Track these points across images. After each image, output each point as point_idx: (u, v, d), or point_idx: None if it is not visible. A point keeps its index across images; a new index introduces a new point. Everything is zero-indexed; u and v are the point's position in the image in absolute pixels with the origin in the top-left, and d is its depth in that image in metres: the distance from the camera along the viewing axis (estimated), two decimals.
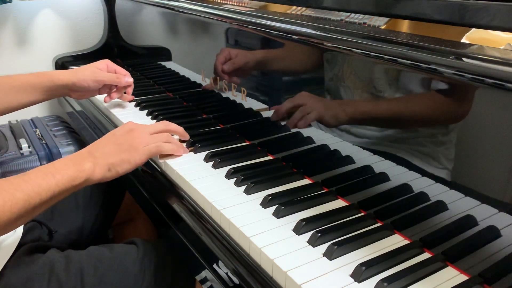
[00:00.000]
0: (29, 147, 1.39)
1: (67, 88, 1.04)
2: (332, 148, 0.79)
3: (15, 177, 0.67)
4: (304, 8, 0.86)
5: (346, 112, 0.75)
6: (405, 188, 0.67)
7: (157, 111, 1.12)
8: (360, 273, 0.55)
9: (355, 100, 0.73)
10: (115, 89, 1.14)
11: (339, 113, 0.76)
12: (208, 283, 0.70)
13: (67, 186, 0.70)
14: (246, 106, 0.96)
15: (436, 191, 0.63)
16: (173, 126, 0.90)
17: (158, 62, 1.37)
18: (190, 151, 0.90)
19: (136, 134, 0.82)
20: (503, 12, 0.55)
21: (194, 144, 0.91)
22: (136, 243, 0.87)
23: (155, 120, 1.08)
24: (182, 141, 0.93)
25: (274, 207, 0.69)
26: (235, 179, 0.78)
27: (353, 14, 0.75)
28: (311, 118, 0.81)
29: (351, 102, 0.74)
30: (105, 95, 1.15)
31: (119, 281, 0.81)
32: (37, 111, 1.74)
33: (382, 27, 0.70)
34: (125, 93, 1.17)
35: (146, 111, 1.13)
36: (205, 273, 0.70)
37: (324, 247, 0.60)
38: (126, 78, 1.12)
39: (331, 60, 0.75)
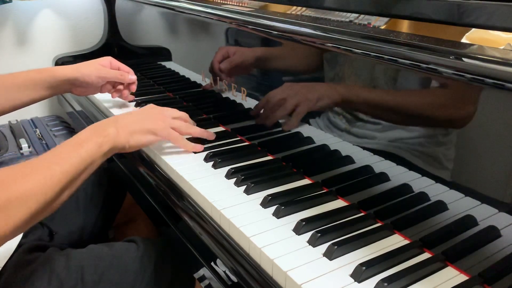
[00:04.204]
0: (29, 147, 1.40)
1: (70, 83, 1.03)
2: (332, 148, 0.79)
3: (45, 153, 0.69)
4: (304, 8, 0.86)
5: (338, 92, 0.75)
6: (405, 188, 0.67)
7: None
8: (360, 273, 0.55)
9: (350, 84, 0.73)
10: (121, 86, 1.13)
11: (331, 94, 0.76)
12: (206, 281, 0.71)
13: (96, 153, 0.72)
14: (246, 106, 0.96)
15: (436, 191, 0.63)
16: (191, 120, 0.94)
17: (158, 62, 1.37)
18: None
19: (158, 110, 0.88)
20: (503, 12, 0.55)
21: None
22: (135, 241, 0.87)
23: None
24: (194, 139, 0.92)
25: (274, 207, 0.69)
26: (235, 179, 0.78)
27: (354, 15, 0.75)
28: (307, 106, 0.81)
29: (345, 84, 0.73)
30: (107, 94, 1.14)
31: (119, 279, 0.80)
32: (37, 111, 1.74)
33: (382, 27, 0.70)
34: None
35: None
36: (203, 271, 0.71)
37: (324, 247, 0.60)
38: (130, 75, 1.11)
39: (331, 60, 0.75)
